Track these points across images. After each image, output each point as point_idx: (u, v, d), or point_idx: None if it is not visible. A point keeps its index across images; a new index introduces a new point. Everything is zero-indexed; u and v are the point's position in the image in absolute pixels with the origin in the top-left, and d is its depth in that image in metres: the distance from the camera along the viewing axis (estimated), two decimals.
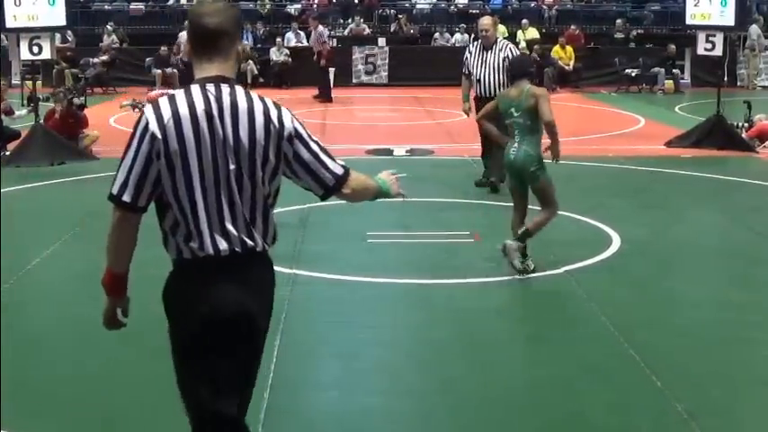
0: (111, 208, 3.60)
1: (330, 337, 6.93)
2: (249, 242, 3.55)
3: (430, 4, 32.01)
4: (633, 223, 10.15)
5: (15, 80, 23.67)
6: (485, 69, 11.78)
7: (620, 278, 8.25)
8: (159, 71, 25.84)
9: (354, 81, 27.46)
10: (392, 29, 30.15)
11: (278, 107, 3.58)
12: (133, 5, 30.72)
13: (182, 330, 3.70)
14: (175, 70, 26.00)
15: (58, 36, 19.16)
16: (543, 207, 8.12)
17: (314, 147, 3.63)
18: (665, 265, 8.81)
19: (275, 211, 3.68)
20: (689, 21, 16.77)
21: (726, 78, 19.20)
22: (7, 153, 14.57)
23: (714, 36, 16.02)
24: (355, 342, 6.80)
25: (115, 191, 3.54)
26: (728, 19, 15.75)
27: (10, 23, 14.32)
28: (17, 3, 14.11)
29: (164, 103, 3.49)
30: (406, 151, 14.88)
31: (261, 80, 27.16)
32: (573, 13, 31.12)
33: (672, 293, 7.98)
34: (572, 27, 28.94)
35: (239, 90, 3.53)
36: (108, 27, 28.59)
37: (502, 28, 28.39)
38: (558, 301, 7.71)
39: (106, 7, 30.66)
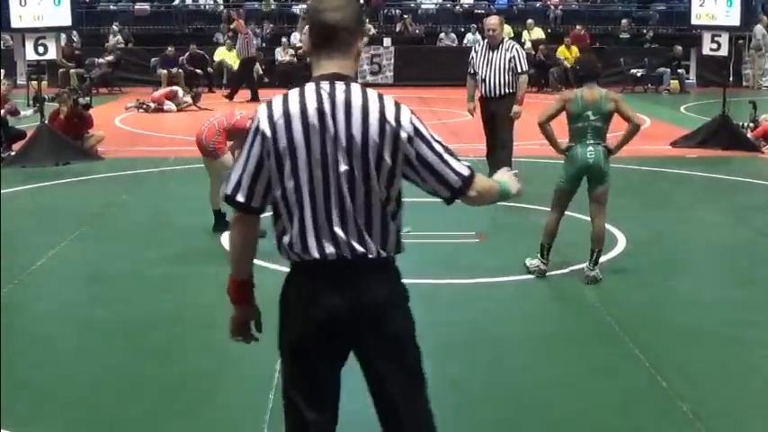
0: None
1: None
2: (359, 248, 3.37)
3: (435, 4, 32.01)
4: (638, 223, 10.14)
5: (21, 80, 23.68)
6: (490, 69, 11.75)
7: (625, 278, 8.23)
8: (165, 71, 25.85)
9: (359, 81, 27.16)
10: (397, 29, 30.15)
11: (397, 105, 3.40)
12: (138, 6, 30.75)
13: (286, 334, 3.60)
14: (181, 70, 26.03)
15: (63, 36, 19.17)
16: (600, 211, 8.03)
17: (437, 147, 3.42)
18: (671, 265, 8.80)
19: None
20: (694, 21, 16.75)
21: (731, 78, 19.20)
22: (12, 153, 14.59)
23: (719, 36, 16.00)
24: None
25: (229, 191, 3.44)
26: (734, 19, 15.73)
27: (15, 23, 14.33)
28: (22, 3, 14.13)
29: (276, 102, 3.39)
30: None
31: (266, 80, 27.17)
32: (578, 13, 31.11)
33: (677, 293, 7.97)
34: (577, 27, 28.92)
35: (355, 87, 3.39)
36: (113, 27, 28.64)
37: (507, 28, 28.37)
38: (564, 301, 7.71)
39: (111, 7, 30.72)
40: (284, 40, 28.04)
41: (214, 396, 5.74)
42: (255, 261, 3.70)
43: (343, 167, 3.32)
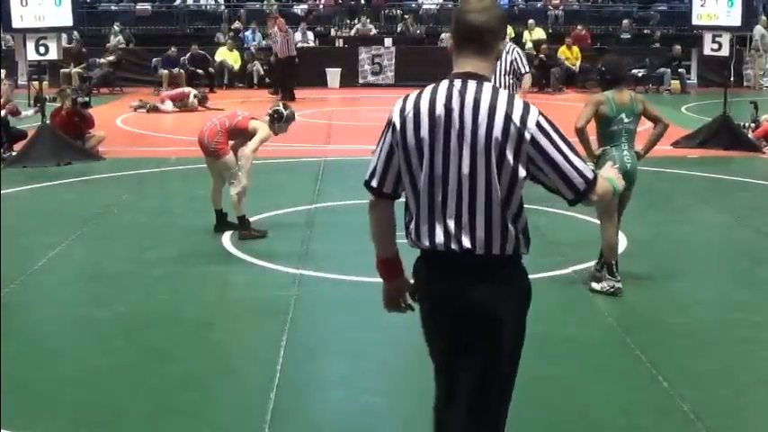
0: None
1: (336, 337, 6.94)
2: (467, 244, 3.47)
3: (436, 4, 31.99)
4: (639, 223, 10.13)
5: (22, 80, 23.69)
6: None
7: (626, 278, 8.21)
8: (166, 71, 25.84)
9: (361, 81, 27.45)
10: (399, 29, 30.14)
11: (525, 106, 3.46)
12: (139, 6, 30.74)
13: (420, 303, 3.79)
14: (182, 71, 26.02)
15: (64, 36, 19.17)
16: (621, 215, 8.00)
17: (564, 148, 3.47)
18: (672, 265, 8.79)
19: (281, 211, 3.65)
20: (695, 21, 16.74)
21: (732, 79, 19.14)
22: (14, 153, 14.60)
23: (720, 36, 16.00)
24: (361, 342, 6.80)
25: (366, 176, 3.69)
26: (735, 19, 15.72)
27: (16, 24, 14.34)
28: (24, 3, 14.14)
29: (411, 97, 3.58)
30: None
31: (267, 80, 27.17)
32: (579, 14, 31.10)
33: (678, 293, 7.97)
34: (578, 27, 28.91)
35: (487, 87, 3.49)
36: (114, 27, 28.62)
37: (509, 29, 28.37)
38: (565, 302, 7.69)
39: (112, 8, 30.70)
40: None
41: (215, 396, 5.74)
42: (259, 262, 3.72)
43: (465, 164, 3.44)
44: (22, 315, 7.23)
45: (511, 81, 11.62)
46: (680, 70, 26.63)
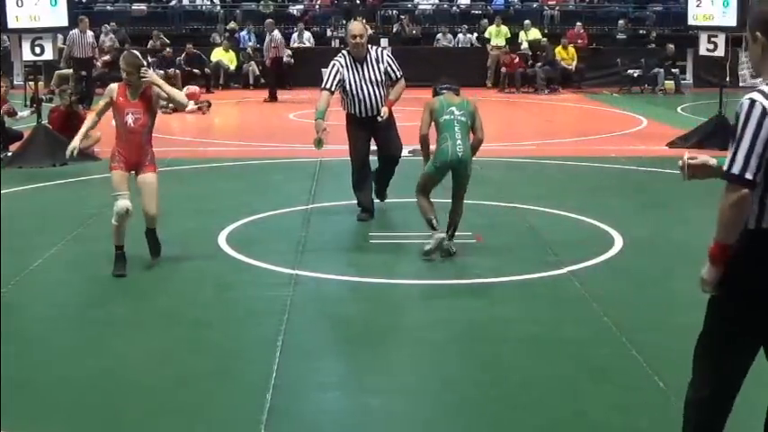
0: (725, 187, 4.04)
1: (332, 338, 6.94)
2: None
3: (432, 4, 32.02)
4: (635, 223, 10.15)
5: (18, 81, 23.67)
6: (364, 85, 10.88)
7: (622, 278, 8.24)
8: (162, 72, 25.80)
9: None
10: (395, 30, 30.16)
11: None
12: (135, 6, 30.73)
13: (743, 287, 4.10)
14: (178, 71, 25.99)
15: (59, 37, 19.15)
16: (461, 199, 8.88)
17: None
18: (668, 265, 8.79)
19: (277, 211, 3.64)
20: (691, 21, 16.76)
21: (728, 79, 19.20)
22: (9, 154, 14.58)
23: (716, 37, 16.02)
24: (357, 343, 6.80)
25: (736, 171, 3.92)
26: (731, 19, 15.74)
27: (12, 24, 14.33)
28: (19, 3, 14.13)
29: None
30: (409, 152, 14.82)
31: (262, 81, 27.16)
32: (575, 14, 31.14)
33: (674, 293, 7.96)
34: (578, 24, 28.94)
35: None
36: (105, 27, 28.45)
37: (504, 29, 28.41)
38: (561, 302, 7.70)
39: (108, 8, 30.68)
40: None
41: (211, 396, 5.74)
42: (256, 263, 3.70)
43: None
44: (18, 315, 7.22)
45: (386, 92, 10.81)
46: (673, 70, 26.64)
